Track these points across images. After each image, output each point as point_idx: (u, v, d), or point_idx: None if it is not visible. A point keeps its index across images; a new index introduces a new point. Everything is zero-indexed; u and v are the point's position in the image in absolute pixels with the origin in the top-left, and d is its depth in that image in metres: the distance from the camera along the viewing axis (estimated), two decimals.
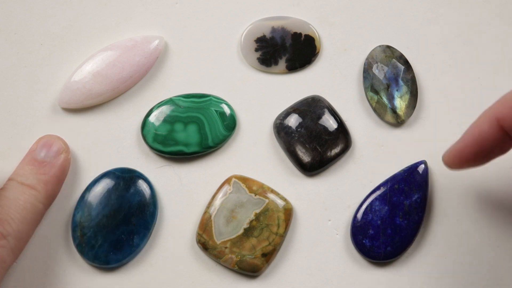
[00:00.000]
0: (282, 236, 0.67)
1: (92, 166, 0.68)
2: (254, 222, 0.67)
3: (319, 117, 0.69)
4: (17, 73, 0.70)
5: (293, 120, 0.69)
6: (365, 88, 0.70)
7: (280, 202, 0.67)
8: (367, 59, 0.70)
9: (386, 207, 0.67)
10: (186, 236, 0.68)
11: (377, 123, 0.70)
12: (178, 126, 0.68)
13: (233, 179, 0.68)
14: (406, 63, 0.70)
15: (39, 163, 0.66)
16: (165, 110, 0.68)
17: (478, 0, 0.71)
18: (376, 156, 0.69)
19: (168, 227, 0.68)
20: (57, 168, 0.66)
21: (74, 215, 0.67)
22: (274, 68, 0.70)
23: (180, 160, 0.69)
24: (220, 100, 0.69)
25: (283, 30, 0.70)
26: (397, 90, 0.69)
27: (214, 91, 0.70)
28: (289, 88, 0.70)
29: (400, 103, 0.69)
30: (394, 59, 0.70)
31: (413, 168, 0.68)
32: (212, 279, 0.67)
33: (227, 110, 0.69)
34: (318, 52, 0.70)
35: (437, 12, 0.71)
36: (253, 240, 0.67)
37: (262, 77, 0.70)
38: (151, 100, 0.69)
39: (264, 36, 0.70)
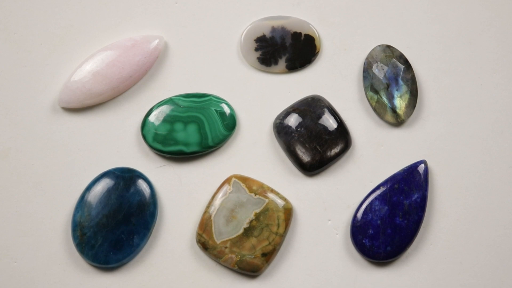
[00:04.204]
0: (282, 236, 0.67)
1: (92, 165, 0.68)
2: (254, 222, 0.67)
3: (319, 117, 0.69)
4: (17, 73, 0.70)
5: (293, 120, 0.68)
6: (365, 88, 0.69)
7: (280, 202, 0.67)
8: (367, 58, 0.70)
9: (386, 207, 0.67)
10: (186, 236, 0.68)
11: (377, 123, 0.70)
12: (178, 126, 0.68)
13: (233, 179, 0.68)
14: (406, 62, 0.70)
15: None
16: (165, 109, 0.68)
17: (478, 0, 0.71)
18: (376, 156, 0.69)
19: (168, 227, 0.68)
20: None
21: (74, 215, 0.67)
22: (274, 68, 0.70)
23: (180, 160, 0.69)
24: (220, 100, 0.69)
25: (283, 29, 0.70)
26: (397, 90, 0.69)
27: (214, 91, 0.70)
28: (289, 88, 0.70)
29: (400, 103, 0.69)
30: (394, 59, 0.70)
31: (413, 168, 0.68)
32: (212, 279, 0.67)
33: (227, 110, 0.69)
34: (318, 51, 0.70)
35: (437, 12, 0.71)
36: (253, 240, 0.67)
37: (262, 77, 0.70)
38: (151, 100, 0.69)
39: (264, 35, 0.70)
